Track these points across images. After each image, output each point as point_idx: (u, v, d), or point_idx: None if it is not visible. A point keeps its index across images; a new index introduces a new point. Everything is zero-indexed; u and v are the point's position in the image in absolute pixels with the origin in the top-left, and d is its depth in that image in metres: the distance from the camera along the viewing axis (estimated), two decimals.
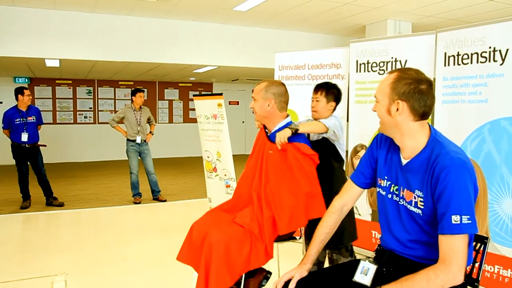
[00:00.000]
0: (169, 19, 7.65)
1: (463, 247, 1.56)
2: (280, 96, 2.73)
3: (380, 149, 1.91)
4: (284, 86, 2.79)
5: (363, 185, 1.97)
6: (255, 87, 2.78)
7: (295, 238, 3.05)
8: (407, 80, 1.68)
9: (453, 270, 1.55)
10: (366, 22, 7.73)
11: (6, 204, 6.73)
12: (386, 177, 1.83)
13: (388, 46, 4.23)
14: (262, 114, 2.75)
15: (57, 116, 12.15)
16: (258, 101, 2.73)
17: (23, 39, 6.91)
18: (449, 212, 1.57)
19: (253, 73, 10.72)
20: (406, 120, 1.69)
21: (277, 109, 2.74)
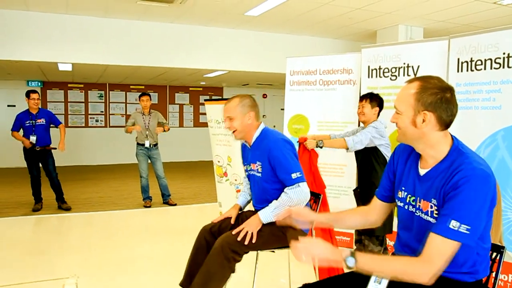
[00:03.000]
0: (180, 24, 7.70)
1: (449, 253, 1.54)
2: (255, 106, 2.75)
3: (398, 161, 1.88)
4: (253, 98, 2.82)
5: (382, 197, 1.94)
6: (227, 105, 2.72)
7: None
8: (433, 90, 1.62)
9: (429, 271, 1.53)
10: (377, 28, 7.71)
11: (18, 207, 6.79)
12: (403, 188, 1.81)
13: (400, 52, 4.22)
14: (244, 130, 2.71)
15: (69, 120, 12.26)
16: (237, 118, 2.67)
17: (36, 43, 6.99)
18: (451, 216, 1.54)
19: (264, 78, 10.74)
20: (432, 130, 1.64)
21: (255, 120, 2.74)
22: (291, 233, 2.63)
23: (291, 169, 2.57)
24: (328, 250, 1.64)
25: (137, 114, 6.98)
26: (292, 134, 4.96)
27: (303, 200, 2.58)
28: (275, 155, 2.59)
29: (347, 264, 1.59)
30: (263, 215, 2.59)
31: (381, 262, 1.61)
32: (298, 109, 4.94)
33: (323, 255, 1.64)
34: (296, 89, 4.94)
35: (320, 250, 1.64)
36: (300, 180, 2.57)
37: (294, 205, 2.52)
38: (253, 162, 2.73)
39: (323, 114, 4.77)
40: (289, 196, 2.56)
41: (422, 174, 1.73)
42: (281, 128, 5.46)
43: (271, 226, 2.61)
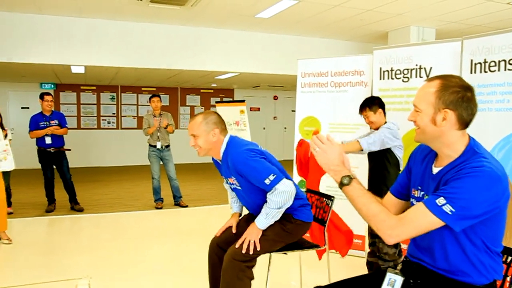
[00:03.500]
0: (191, 26, 7.74)
1: (424, 225, 1.56)
2: (220, 123, 2.67)
3: (415, 159, 1.88)
4: (218, 114, 2.74)
5: (397, 193, 1.93)
6: (190, 123, 2.67)
7: (318, 246, 3.03)
8: (454, 88, 1.62)
9: (395, 230, 1.57)
10: (389, 29, 7.67)
11: (32, 207, 6.87)
12: (420, 187, 1.81)
13: (412, 53, 4.19)
14: (208, 148, 2.66)
15: (81, 121, 12.38)
16: (202, 136, 2.62)
17: (50, 46, 7.08)
18: (442, 194, 1.55)
19: (275, 80, 10.74)
20: (451, 129, 1.64)
21: (220, 136, 2.66)
22: (295, 229, 2.68)
23: (261, 177, 2.51)
24: (336, 162, 1.69)
25: (149, 116, 7.02)
26: (303, 136, 4.95)
27: (288, 197, 2.53)
28: (242, 169, 2.55)
29: (342, 180, 1.67)
30: (260, 223, 2.57)
31: (365, 199, 1.65)
32: (309, 111, 4.93)
33: (330, 163, 1.70)
34: (308, 91, 4.93)
35: (330, 158, 1.69)
36: (275, 182, 2.51)
37: (283, 206, 2.53)
38: (229, 177, 2.71)
39: (334, 116, 4.75)
40: (273, 201, 2.53)
41: (434, 173, 1.73)
42: (292, 130, 5.46)
43: (273, 227, 2.62)
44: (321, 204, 3.18)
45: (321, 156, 1.69)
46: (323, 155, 1.69)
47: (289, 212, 2.65)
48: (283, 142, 14.34)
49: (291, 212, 2.66)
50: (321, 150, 1.69)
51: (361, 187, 1.67)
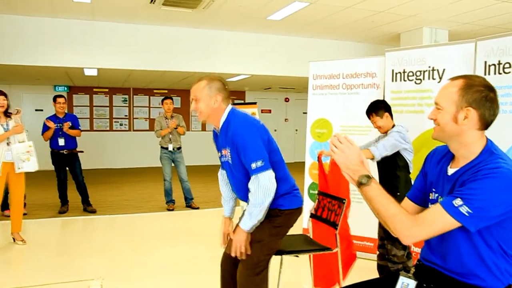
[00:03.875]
0: (203, 29, 7.78)
1: (440, 226, 1.55)
2: (224, 90, 2.57)
3: (431, 162, 1.87)
4: (222, 81, 2.63)
5: (414, 198, 1.91)
6: (194, 87, 2.60)
7: (330, 249, 3.02)
8: (478, 87, 1.61)
9: (413, 232, 1.57)
10: (401, 30, 7.63)
11: (45, 209, 6.95)
12: (434, 190, 1.79)
13: (425, 55, 4.16)
14: (209, 113, 2.55)
15: (94, 124, 12.49)
16: (203, 100, 2.52)
17: (64, 49, 7.17)
18: (459, 195, 1.54)
19: (286, 82, 10.74)
20: (471, 129, 1.63)
21: (222, 104, 2.55)
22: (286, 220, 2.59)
23: (250, 157, 2.39)
24: (354, 162, 1.66)
25: (161, 118, 7.05)
26: (315, 138, 4.95)
27: (267, 194, 2.40)
28: (237, 142, 2.43)
29: (360, 180, 1.64)
30: (244, 225, 2.47)
31: (384, 199, 1.63)
32: (321, 113, 4.92)
33: (348, 162, 1.67)
34: (319, 93, 4.92)
35: (349, 158, 1.67)
36: (261, 170, 2.38)
37: (263, 202, 2.40)
38: (224, 148, 2.58)
39: (346, 118, 4.74)
40: (252, 193, 2.40)
41: (450, 174, 1.72)
42: (304, 132, 5.45)
43: (264, 229, 2.52)
44: (332, 207, 3.17)
45: (339, 156, 1.68)
46: (341, 155, 1.67)
47: (275, 207, 2.53)
48: (295, 144, 14.31)
49: (277, 205, 2.54)
50: (339, 150, 1.67)
51: (380, 187, 1.66)
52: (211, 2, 6.11)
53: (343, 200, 3.07)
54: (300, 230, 4.95)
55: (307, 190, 5.02)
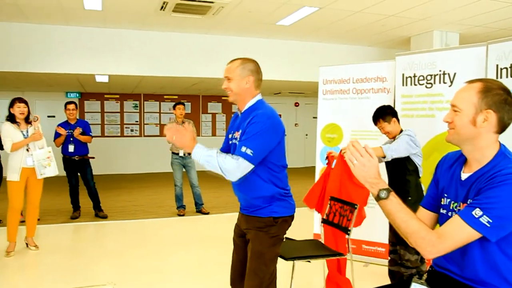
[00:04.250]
0: (213, 35, 7.82)
1: (463, 238, 1.53)
2: (257, 73, 2.55)
3: (442, 168, 1.86)
4: (258, 64, 2.61)
5: (429, 206, 1.89)
6: (227, 66, 2.56)
7: (342, 254, 3.01)
8: (498, 90, 1.61)
9: (435, 247, 1.55)
10: (411, 34, 7.60)
11: (58, 214, 7.01)
12: (446, 195, 1.78)
13: (435, 59, 4.14)
14: (239, 93, 2.53)
15: (105, 129, 12.59)
16: (235, 80, 2.50)
17: (75, 56, 7.26)
18: (477, 205, 1.52)
19: (296, 87, 10.74)
20: (489, 132, 1.63)
21: (254, 87, 2.53)
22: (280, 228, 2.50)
23: (247, 142, 2.34)
24: (373, 175, 1.65)
25: (172, 124, 7.07)
26: (325, 143, 4.94)
27: (228, 171, 2.32)
28: (251, 125, 2.39)
29: (379, 194, 1.63)
30: (196, 151, 2.38)
31: (404, 215, 1.61)
32: (331, 118, 4.91)
33: (367, 175, 1.65)
34: (329, 98, 4.92)
35: (369, 172, 1.65)
36: (245, 156, 2.31)
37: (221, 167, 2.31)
38: (237, 130, 2.54)
39: (356, 123, 4.72)
40: (224, 158, 2.32)
41: (463, 179, 1.70)
42: (314, 137, 5.44)
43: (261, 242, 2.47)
44: (344, 212, 3.16)
45: (359, 169, 1.66)
46: (361, 168, 1.65)
47: (269, 215, 2.46)
48: (305, 149, 14.29)
49: (271, 213, 2.47)
50: (360, 164, 1.65)
51: (399, 201, 1.64)
52: (220, 8, 6.14)
53: (355, 205, 3.06)
54: (311, 235, 4.93)
55: None
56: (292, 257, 2.92)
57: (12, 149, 4.79)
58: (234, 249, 2.71)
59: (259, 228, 2.46)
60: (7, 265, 4.61)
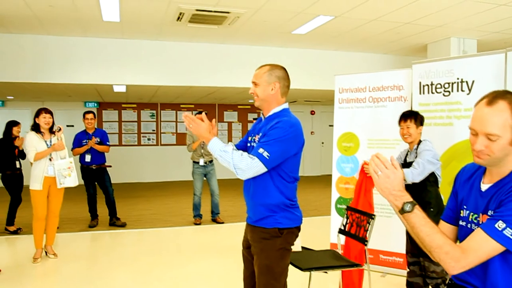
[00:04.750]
0: (229, 44, 7.87)
1: (486, 252, 1.50)
2: (284, 80, 2.57)
3: (460, 181, 1.83)
4: (286, 71, 2.63)
5: (449, 219, 1.86)
6: (256, 71, 2.58)
7: (359, 265, 2.98)
8: None
9: (459, 262, 1.51)
10: (428, 41, 7.54)
11: (76, 222, 7.09)
12: (465, 207, 1.75)
13: (453, 67, 4.10)
14: (264, 98, 2.54)
15: (123, 138, 12.74)
16: (261, 85, 2.52)
17: (94, 67, 7.38)
18: (499, 217, 1.49)
19: (312, 95, 10.73)
20: None
21: (280, 94, 2.55)
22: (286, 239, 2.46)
23: (264, 145, 2.35)
24: (397, 187, 1.61)
25: (192, 133, 7.07)
26: (342, 152, 4.91)
27: (244, 170, 2.32)
28: (272, 128, 2.40)
29: (403, 207, 1.59)
30: (213, 143, 2.41)
31: (428, 229, 1.58)
32: (347, 127, 4.89)
33: (391, 188, 1.61)
34: (345, 107, 4.90)
35: (393, 184, 1.61)
36: (261, 157, 2.31)
37: (235, 164, 2.31)
38: (257, 133, 2.54)
39: (373, 132, 4.69)
40: (239, 156, 2.33)
41: (484, 190, 1.67)
42: (330, 145, 5.42)
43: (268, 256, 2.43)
44: (361, 223, 3.13)
45: (383, 181, 1.62)
46: (385, 180, 1.61)
47: (274, 226, 2.43)
48: (321, 157, 14.23)
49: (275, 223, 2.43)
50: (384, 175, 1.62)
51: (424, 215, 1.60)
52: (236, 18, 6.19)
53: (372, 215, 3.03)
54: (327, 245, 4.90)
55: (334, 204, 4.97)
56: (308, 267, 2.91)
57: (35, 158, 4.89)
58: (244, 263, 2.67)
59: (264, 239, 2.44)
60: (27, 273, 4.67)
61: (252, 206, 2.54)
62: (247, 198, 2.59)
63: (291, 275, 2.72)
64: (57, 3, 5.49)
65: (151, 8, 5.78)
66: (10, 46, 7.01)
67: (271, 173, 2.42)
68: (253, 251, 2.49)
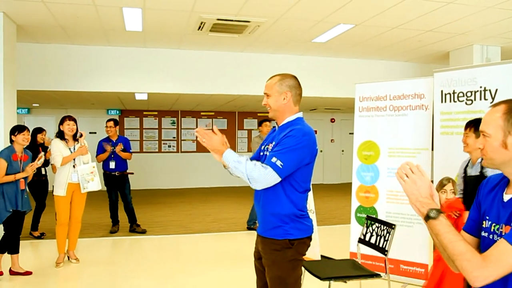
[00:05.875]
0: (249, 52, 7.93)
1: (510, 264, 1.46)
2: (295, 88, 2.56)
3: (484, 192, 1.82)
4: (297, 79, 2.63)
5: (471, 231, 1.83)
6: (267, 82, 2.60)
7: (379, 275, 2.95)
8: None
9: (482, 273, 1.47)
10: (450, 49, 7.46)
11: (97, 228, 7.20)
12: (488, 217, 1.73)
13: (476, 75, 4.05)
14: (277, 109, 2.55)
15: (144, 145, 12.90)
16: (273, 96, 2.54)
17: (116, 75, 7.53)
18: None
19: (332, 103, 10.70)
20: None
21: (292, 102, 2.55)
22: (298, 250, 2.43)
23: (278, 154, 2.33)
24: (424, 194, 1.62)
25: (258, 138, 7.03)
26: (362, 161, 4.88)
27: (257, 180, 2.31)
28: (286, 137, 2.39)
29: (428, 213, 1.58)
30: (227, 154, 2.37)
31: (452, 236, 1.56)
32: (367, 135, 4.86)
33: (418, 194, 1.62)
34: (366, 115, 4.88)
35: (420, 190, 1.62)
36: (274, 167, 2.29)
37: (247, 176, 2.31)
38: (271, 142, 2.53)
39: (394, 140, 4.65)
40: (253, 166, 2.31)
41: (506, 200, 1.65)
42: (350, 154, 5.39)
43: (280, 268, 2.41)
44: (381, 232, 3.11)
45: (409, 186, 1.64)
46: (412, 186, 1.63)
47: (284, 237, 2.39)
48: (341, 165, 14.14)
49: (286, 235, 2.40)
50: (411, 180, 1.64)
51: (449, 223, 1.60)
52: (257, 27, 6.24)
53: (392, 225, 3.00)
54: (347, 254, 4.86)
55: (354, 213, 4.94)
56: (327, 277, 2.89)
57: (62, 163, 5.01)
58: (257, 274, 2.66)
59: (275, 250, 2.41)
60: (50, 277, 4.77)
61: (262, 216, 2.51)
62: (257, 208, 2.57)
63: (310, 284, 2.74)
64: (82, 14, 5.63)
65: (173, 18, 5.88)
66: (36, 56, 7.21)
67: (282, 182, 2.38)
68: (265, 263, 2.47)
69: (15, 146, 4.61)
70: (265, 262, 2.46)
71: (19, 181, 4.56)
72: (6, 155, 4.49)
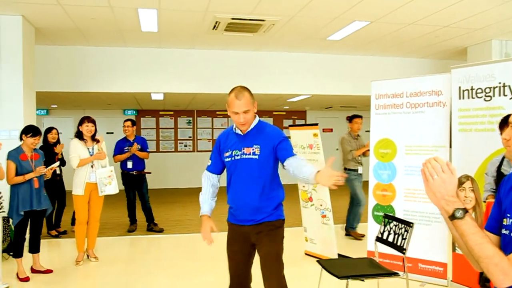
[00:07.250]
0: (264, 51, 7.93)
1: None
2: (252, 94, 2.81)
3: (505, 189, 1.79)
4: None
5: (493, 229, 1.81)
6: (241, 101, 2.69)
7: (397, 273, 2.93)
8: None
9: (509, 276, 1.43)
10: (467, 44, 7.35)
11: (116, 227, 7.28)
12: (509, 215, 1.71)
13: (494, 71, 3.98)
14: (251, 119, 2.75)
15: (160, 145, 13.00)
16: (251, 110, 2.70)
17: (133, 76, 7.60)
18: None
19: (347, 101, 10.63)
20: None
21: None
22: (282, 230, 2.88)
23: (292, 151, 2.70)
24: (451, 193, 1.56)
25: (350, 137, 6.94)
26: (378, 158, 4.84)
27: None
28: (280, 139, 2.69)
29: (454, 213, 1.53)
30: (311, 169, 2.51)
31: (478, 238, 1.52)
32: (384, 133, 4.81)
33: (445, 193, 1.56)
34: (382, 113, 4.83)
35: (448, 188, 1.56)
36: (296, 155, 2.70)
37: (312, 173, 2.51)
38: (249, 146, 2.73)
39: (411, 138, 4.60)
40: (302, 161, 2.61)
41: None
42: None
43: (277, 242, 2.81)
44: (399, 231, 3.08)
45: (438, 185, 1.58)
46: (440, 185, 1.57)
47: (278, 218, 2.82)
48: None
49: (279, 216, 2.84)
50: (440, 179, 1.57)
51: (475, 223, 1.56)
52: (271, 26, 6.23)
53: (410, 224, 2.98)
54: (364, 253, 4.83)
55: (371, 211, 4.91)
56: (345, 275, 2.88)
57: (79, 165, 5.08)
58: (239, 258, 3.08)
59: (272, 229, 2.76)
60: (70, 275, 4.84)
61: (257, 208, 2.79)
62: (250, 201, 2.82)
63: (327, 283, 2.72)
64: (99, 15, 5.70)
65: (188, 18, 5.91)
66: (54, 57, 7.33)
67: (276, 173, 2.76)
68: (261, 242, 2.78)
69: (23, 147, 4.60)
70: (261, 242, 2.79)
71: (32, 180, 4.54)
72: (13, 157, 4.49)
